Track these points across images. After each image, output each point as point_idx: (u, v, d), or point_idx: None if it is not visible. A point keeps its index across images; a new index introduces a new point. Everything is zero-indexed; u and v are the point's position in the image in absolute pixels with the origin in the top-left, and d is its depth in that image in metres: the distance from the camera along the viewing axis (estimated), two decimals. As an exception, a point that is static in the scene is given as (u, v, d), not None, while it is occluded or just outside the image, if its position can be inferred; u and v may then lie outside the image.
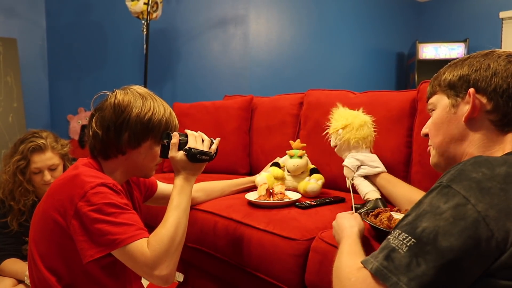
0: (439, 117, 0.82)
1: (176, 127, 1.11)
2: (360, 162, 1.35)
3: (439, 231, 0.56)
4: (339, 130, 1.38)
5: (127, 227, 0.89)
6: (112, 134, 1.00)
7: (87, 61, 3.09)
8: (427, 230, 0.58)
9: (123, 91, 1.04)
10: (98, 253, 0.88)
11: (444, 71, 0.83)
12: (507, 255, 0.55)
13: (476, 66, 0.77)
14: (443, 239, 0.56)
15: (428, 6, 4.53)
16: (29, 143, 1.49)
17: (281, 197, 1.41)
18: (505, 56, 0.76)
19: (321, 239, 1.11)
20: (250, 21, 3.07)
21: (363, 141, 1.37)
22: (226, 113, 2.21)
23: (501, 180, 0.58)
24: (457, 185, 0.59)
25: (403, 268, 0.57)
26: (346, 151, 1.41)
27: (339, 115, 1.43)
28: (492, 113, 0.74)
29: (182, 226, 0.99)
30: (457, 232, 0.55)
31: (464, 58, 0.81)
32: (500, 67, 0.74)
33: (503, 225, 0.55)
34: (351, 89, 1.88)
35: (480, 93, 0.75)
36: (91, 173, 0.96)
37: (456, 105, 0.79)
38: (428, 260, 0.56)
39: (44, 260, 0.96)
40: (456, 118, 0.79)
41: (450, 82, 0.80)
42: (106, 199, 0.89)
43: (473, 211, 0.56)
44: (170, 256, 0.91)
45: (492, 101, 0.74)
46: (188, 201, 1.05)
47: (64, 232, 0.92)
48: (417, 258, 0.57)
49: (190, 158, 1.05)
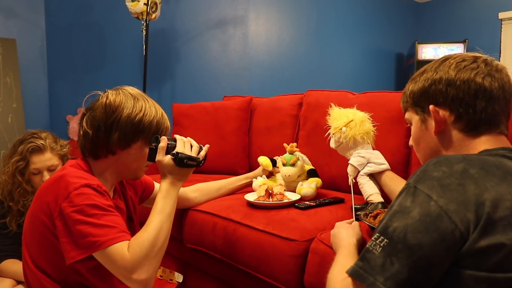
0: (415, 133, 0.86)
1: (168, 129, 1.10)
2: (367, 159, 1.33)
3: (408, 229, 0.60)
4: (343, 128, 1.35)
5: (109, 229, 0.88)
6: (102, 134, 1.00)
7: (86, 62, 3.09)
8: (397, 229, 0.61)
9: (115, 92, 1.04)
10: (80, 255, 0.87)
11: (408, 86, 0.86)
12: (469, 243, 0.58)
13: (430, 81, 0.80)
14: (412, 236, 0.59)
15: (428, 7, 4.53)
16: (28, 144, 1.49)
17: (280, 198, 1.41)
18: (456, 63, 0.78)
19: (320, 240, 1.11)
20: (249, 21, 3.07)
21: (367, 136, 1.36)
22: (225, 113, 2.21)
23: (459, 176, 0.62)
24: (421, 184, 0.63)
25: (378, 268, 0.60)
26: (351, 149, 1.38)
27: (338, 114, 1.42)
28: (457, 122, 0.77)
29: (165, 231, 0.97)
30: (424, 228, 0.59)
31: (421, 71, 0.84)
32: (452, 77, 0.77)
33: (464, 216, 0.59)
34: (351, 89, 1.88)
35: (441, 107, 0.78)
36: (77, 174, 0.95)
37: (425, 121, 0.83)
38: (400, 259, 0.59)
39: (35, 261, 0.96)
40: (428, 133, 0.82)
41: (414, 99, 0.84)
42: (89, 200, 0.89)
43: (436, 207, 0.60)
44: (150, 260, 0.90)
45: (453, 112, 0.77)
46: (173, 206, 1.03)
47: (52, 233, 0.92)
48: (391, 257, 0.60)
49: (177, 163, 1.05)
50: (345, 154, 1.41)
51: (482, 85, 0.75)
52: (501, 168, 0.64)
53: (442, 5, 4.40)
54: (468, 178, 0.62)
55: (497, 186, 0.61)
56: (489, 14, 4.02)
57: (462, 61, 0.78)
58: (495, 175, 0.63)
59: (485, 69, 0.76)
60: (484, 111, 0.75)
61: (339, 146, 1.40)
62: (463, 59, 0.78)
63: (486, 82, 0.75)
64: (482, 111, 0.75)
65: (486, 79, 0.75)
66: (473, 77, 0.75)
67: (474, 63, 0.77)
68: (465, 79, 0.76)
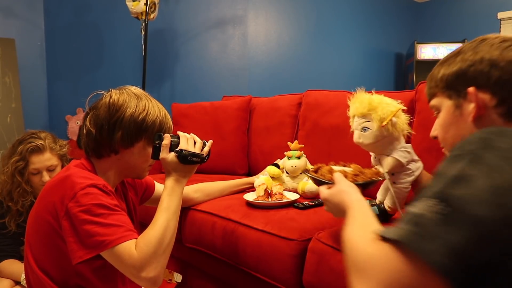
0: (445, 120, 0.79)
1: (170, 128, 1.11)
2: (411, 156, 1.09)
3: (475, 200, 0.52)
4: (392, 118, 1.05)
5: (116, 228, 0.89)
6: (105, 133, 1.00)
7: (85, 62, 3.09)
8: (463, 198, 0.53)
9: (119, 91, 1.04)
10: (87, 255, 0.87)
11: (438, 70, 0.79)
12: None
13: (470, 61, 0.73)
14: (479, 207, 0.51)
15: (427, 7, 4.54)
16: (28, 144, 1.49)
17: (280, 198, 1.42)
18: (498, 42, 0.72)
19: (318, 239, 1.11)
20: (248, 21, 3.08)
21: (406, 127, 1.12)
22: (224, 113, 2.21)
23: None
24: (488, 153, 0.55)
25: (436, 236, 0.51)
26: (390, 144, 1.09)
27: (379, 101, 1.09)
28: (498, 107, 0.70)
29: (171, 228, 0.97)
30: (494, 201, 0.51)
31: (455, 53, 0.77)
32: (495, 57, 0.70)
33: None
34: (350, 89, 1.87)
35: (482, 90, 0.71)
36: (82, 174, 0.95)
37: (460, 106, 0.75)
38: (465, 230, 0.51)
39: (38, 262, 0.96)
40: (463, 119, 0.74)
41: (448, 82, 0.76)
42: (95, 200, 0.89)
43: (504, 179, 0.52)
44: (157, 258, 0.90)
45: (496, 95, 0.70)
46: (179, 203, 1.04)
47: (57, 233, 0.92)
48: (453, 226, 0.51)
49: (181, 160, 1.05)
50: (384, 151, 1.10)
51: None
52: None
53: (442, 5, 4.41)
54: None
55: None
56: (488, 14, 4.03)
57: (504, 42, 0.71)
58: None
59: None
60: None
61: (378, 142, 1.08)
62: (503, 40, 0.72)
63: None
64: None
65: None
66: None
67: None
68: (510, 59, 0.69)
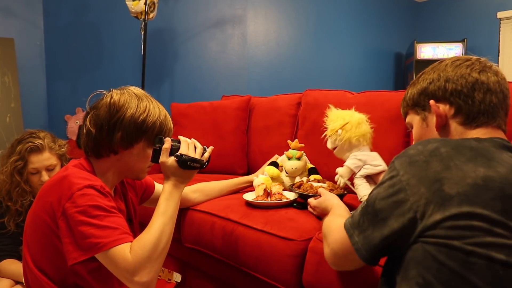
0: (417, 133, 0.90)
1: (171, 130, 1.10)
2: (363, 162, 1.34)
3: (377, 196, 0.72)
4: (339, 130, 1.36)
5: (111, 230, 0.88)
6: (105, 133, 1.00)
7: (84, 61, 3.08)
8: (372, 196, 0.74)
9: (120, 91, 1.04)
10: (81, 256, 0.87)
11: (408, 91, 0.92)
12: (425, 217, 0.65)
13: (429, 80, 0.85)
14: (377, 202, 0.72)
15: (426, 6, 4.53)
16: (27, 144, 1.49)
17: (279, 198, 1.41)
18: (451, 62, 0.83)
19: (318, 239, 1.11)
20: (248, 21, 3.07)
21: (363, 138, 1.36)
22: (224, 113, 2.21)
23: (428, 153, 0.68)
24: (397, 160, 0.72)
25: (356, 224, 0.76)
26: (347, 151, 1.38)
27: (335, 116, 1.42)
28: (456, 116, 0.81)
29: (167, 233, 0.97)
30: (386, 196, 0.70)
31: (418, 76, 0.89)
32: (449, 73, 0.82)
33: (417, 190, 0.66)
34: (349, 89, 1.88)
35: (441, 102, 0.82)
36: (80, 175, 0.95)
37: (425, 118, 0.86)
38: (369, 219, 0.73)
39: (36, 261, 0.96)
40: (429, 130, 0.86)
41: (414, 100, 0.88)
42: (92, 201, 0.89)
43: (398, 180, 0.69)
44: (152, 262, 0.89)
45: (453, 105, 0.81)
46: (176, 208, 1.03)
47: (54, 233, 0.92)
48: (363, 217, 0.75)
49: (180, 165, 1.05)
50: (342, 157, 1.41)
51: (479, 78, 0.79)
52: (476, 150, 0.68)
53: (441, 4, 4.40)
54: (435, 156, 0.68)
55: (462, 165, 0.66)
56: (488, 13, 4.03)
57: (457, 60, 0.83)
58: (464, 155, 0.67)
59: (479, 66, 0.81)
60: (483, 102, 0.78)
61: (335, 148, 1.41)
62: (457, 59, 0.84)
63: (483, 76, 0.79)
64: (480, 102, 0.78)
65: (482, 74, 0.79)
66: (469, 72, 0.80)
67: (468, 61, 0.82)
68: (462, 74, 0.80)
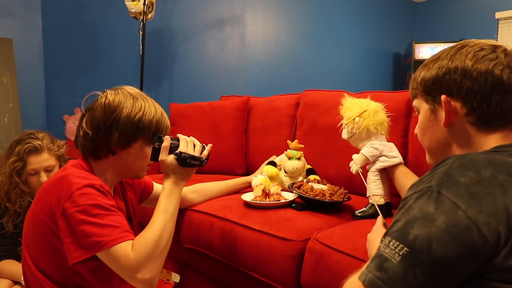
0: (422, 122, 0.83)
1: (168, 128, 1.11)
2: (380, 151, 1.28)
3: (432, 239, 0.55)
4: (356, 118, 1.29)
5: (112, 229, 0.89)
6: (102, 134, 1.00)
7: (83, 62, 3.08)
8: (419, 237, 0.56)
9: (114, 91, 1.04)
10: (83, 255, 0.87)
11: (419, 72, 0.82)
12: (499, 259, 0.54)
13: (445, 69, 0.75)
14: (438, 248, 0.55)
15: (425, 6, 4.54)
16: (25, 144, 1.49)
17: (277, 198, 1.42)
18: (473, 52, 0.73)
19: (316, 240, 1.12)
20: (246, 21, 3.07)
21: (381, 126, 1.31)
22: (222, 113, 2.21)
23: (487, 183, 0.57)
24: (446, 190, 0.58)
25: (398, 280, 0.55)
26: (364, 139, 1.31)
27: (351, 104, 1.35)
28: (469, 115, 0.73)
29: (168, 230, 0.98)
30: (451, 240, 0.54)
31: (435, 58, 0.79)
32: (468, 68, 0.72)
33: (495, 228, 0.54)
34: (348, 89, 1.88)
35: (454, 98, 0.74)
36: (79, 174, 0.95)
37: (435, 111, 0.79)
38: (424, 271, 0.55)
39: (36, 262, 0.96)
40: (437, 124, 0.79)
41: (425, 87, 0.80)
42: (92, 200, 0.89)
43: (464, 217, 0.55)
44: (153, 260, 0.90)
45: (466, 104, 0.73)
46: (176, 205, 1.04)
47: (53, 233, 0.92)
48: (413, 269, 0.55)
49: (180, 162, 1.05)
50: (358, 146, 1.35)
51: (500, 77, 0.70)
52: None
53: (439, 4, 4.41)
54: (497, 186, 0.57)
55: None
56: (486, 13, 4.04)
57: (480, 50, 0.73)
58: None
59: (504, 60, 0.71)
60: (499, 106, 0.71)
61: (351, 137, 1.34)
62: (481, 48, 0.73)
63: (505, 74, 0.70)
64: (497, 105, 0.71)
65: (505, 71, 0.71)
66: (491, 69, 0.71)
67: (493, 53, 0.72)
68: (482, 71, 0.71)
